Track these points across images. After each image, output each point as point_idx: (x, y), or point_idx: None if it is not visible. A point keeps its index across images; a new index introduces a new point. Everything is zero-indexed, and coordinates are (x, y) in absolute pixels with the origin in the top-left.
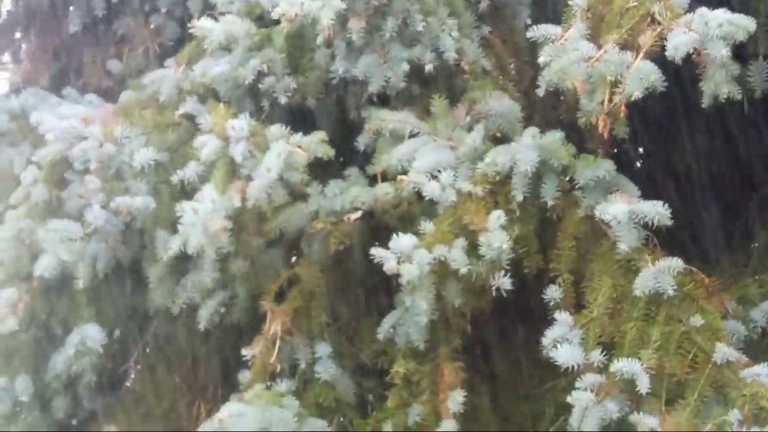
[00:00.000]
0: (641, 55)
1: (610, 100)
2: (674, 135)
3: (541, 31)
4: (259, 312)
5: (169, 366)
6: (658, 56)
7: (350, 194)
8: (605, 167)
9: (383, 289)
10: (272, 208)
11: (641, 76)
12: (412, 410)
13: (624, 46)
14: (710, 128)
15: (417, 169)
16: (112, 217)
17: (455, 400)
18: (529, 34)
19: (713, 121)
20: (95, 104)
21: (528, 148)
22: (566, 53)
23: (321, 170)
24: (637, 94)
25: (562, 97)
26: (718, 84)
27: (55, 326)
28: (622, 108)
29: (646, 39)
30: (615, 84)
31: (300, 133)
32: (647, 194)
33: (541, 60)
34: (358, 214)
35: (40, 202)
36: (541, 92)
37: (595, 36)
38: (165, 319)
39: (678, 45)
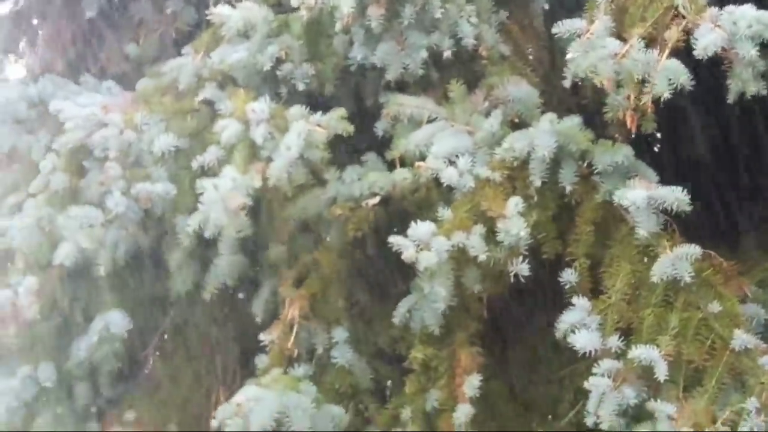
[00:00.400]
0: (667, 52)
1: (638, 97)
2: (692, 118)
3: (566, 26)
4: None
5: (188, 352)
6: (682, 49)
7: (368, 180)
8: (623, 152)
9: (401, 275)
10: (293, 188)
11: (670, 76)
12: (430, 396)
13: (649, 40)
14: (729, 111)
15: (435, 155)
16: (133, 204)
17: (471, 384)
18: (554, 30)
19: (732, 105)
20: (113, 91)
21: (546, 134)
22: (594, 49)
23: (339, 155)
24: (666, 95)
25: (579, 83)
26: (746, 81)
27: (76, 314)
28: (650, 105)
29: (672, 34)
30: (642, 82)
31: (319, 113)
32: (665, 179)
33: (569, 56)
34: (376, 199)
35: (60, 189)
36: (567, 83)
37: (619, 29)
38: (184, 305)
39: (707, 45)
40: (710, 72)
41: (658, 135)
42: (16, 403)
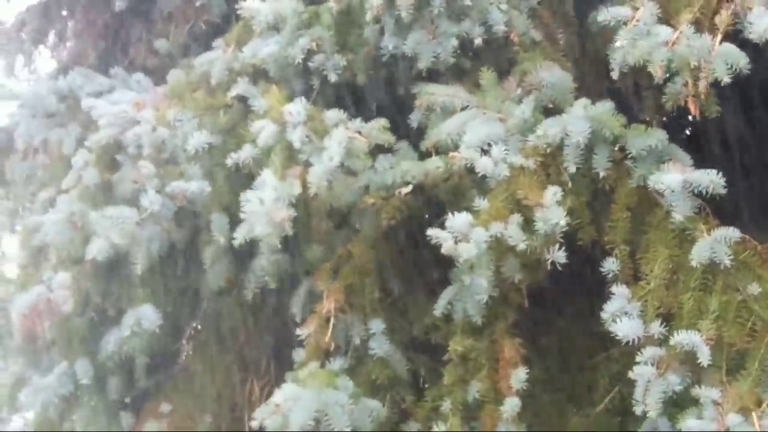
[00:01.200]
0: (719, 36)
1: (695, 84)
2: (726, 101)
3: (611, 14)
4: None
5: (221, 344)
6: (730, 33)
7: (400, 169)
8: (657, 136)
9: (435, 264)
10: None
11: (727, 60)
12: (471, 387)
13: (698, 26)
14: (763, 92)
15: (467, 143)
16: (168, 202)
17: (518, 377)
18: (600, 17)
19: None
20: (143, 83)
21: (579, 119)
22: (644, 37)
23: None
24: (727, 80)
25: (625, 70)
26: None
27: (109, 308)
28: (707, 90)
29: (723, 19)
30: (699, 68)
31: (359, 119)
32: (699, 162)
33: (617, 44)
34: (409, 188)
35: (92, 185)
36: (615, 75)
37: (665, 15)
38: (218, 299)
39: (765, 30)
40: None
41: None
42: (53, 398)
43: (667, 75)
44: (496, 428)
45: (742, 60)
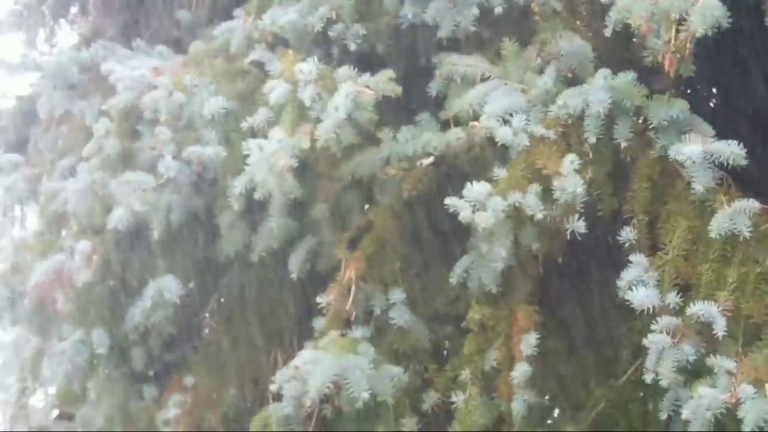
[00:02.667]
0: None
1: (676, 39)
2: (747, 72)
3: None
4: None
5: (244, 315)
6: None
7: (422, 139)
8: (679, 107)
9: (455, 234)
10: (341, 149)
11: (705, 13)
12: (489, 355)
13: None
14: None
15: (489, 114)
16: (185, 167)
17: (528, 342)
18: None
19: None
20: (165, 55)
21: (600, 90)
22: None
23: (393, 115)
24: (702, 31)
25: (634, 39)
26: None
27: (130, 278)
28: (688, 46)
29: None
30: (680, 22)
31: (368, 74)
32: (721, 133)
33: (606, 0)
34: (430, 159)
35: (113, 154)
36: (608, 32)
37: None
38: (239, 269)
39: None
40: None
41: (714, 90)
42: (70, 367)
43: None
44: (512, 396)
45: (717, 11)
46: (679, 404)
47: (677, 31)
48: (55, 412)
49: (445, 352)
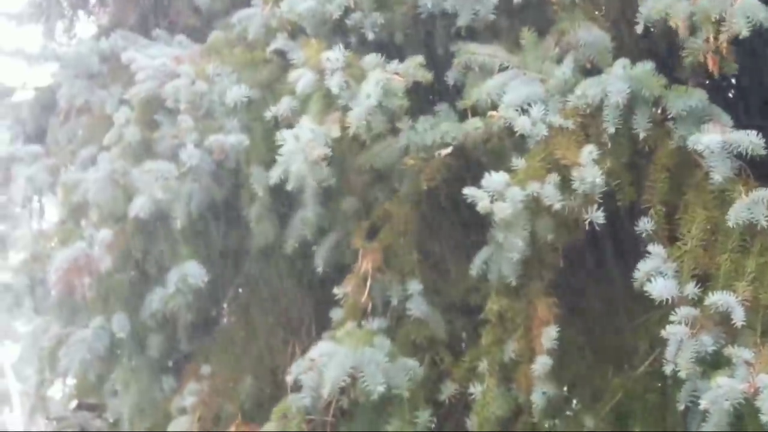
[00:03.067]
0: None
1: (716, 38)
2: (765, 61)
3: None
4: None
5: (262, 306)
6: None
7: (440, 129)
8: (697, 97)
9: (473, 226)
10: (371, 136)
11: (747, 14)
12: (507, 347)
13: None
14: None
15: (507, 104)
16: (206, 156)
17: (549, 335)
18: None
19: None
20: (184, 44)
21: (619, 80)
22: None
23: (411, 105)
24: (745, 33)
25: (652, 28)
26: None
27: (150, 266)
28: (726, 46)
29: None
30: (720, 22)
31: (396, 61)
32: (740, 123)
33: None
34: (449, 149)
35: (133, 142)
36: (640, 29)
37: None
38: (258, 259)
39: None
40: None
41: (733, 81)
42: (90, 356)
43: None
44: (531, 388)
45: (762, 13)
46: (697, 395)
47: (718, 31)
48: (74, 403)
49: (462, 343)
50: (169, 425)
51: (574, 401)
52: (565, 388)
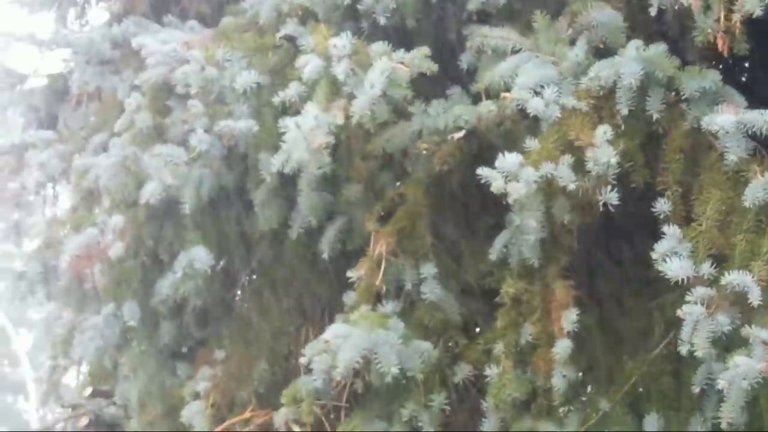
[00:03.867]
0: None
1: (727, 18)
2: None
3: None
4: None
5: (276, 290)
6: None
7: (453, 113)
8: (711, 78)
9: (487, 209)
10: (376, 125)
11: None
12: (524, 330)
13: None
14: None
15: (520, 86)
16: (216, 141)
17: (568, 319)
18: None
19: None
20: (196, 30)
21: (632, 61)
22: None
23: (424, 89)
24: (759, 12)
25: (665, 8)
26: None
27: (161, 252)
28: (739, 26)
29: None
30: (731, 1)
31: (402, 50)
32: (754, 105)
33: None
34: (462, 133)
35: (144, 128)
36: (653, 11)
37: None
38: (271, 244)
39: None
40: None
41: (746, 64)
42: (103, 342)
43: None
44: (550, 371)
45: None
46: (713, 377)
47: (730, 11)
48: (88, 390)
49: (476, 327)
50: (182, 410)
51: (589, 385)
52: (581, 372)
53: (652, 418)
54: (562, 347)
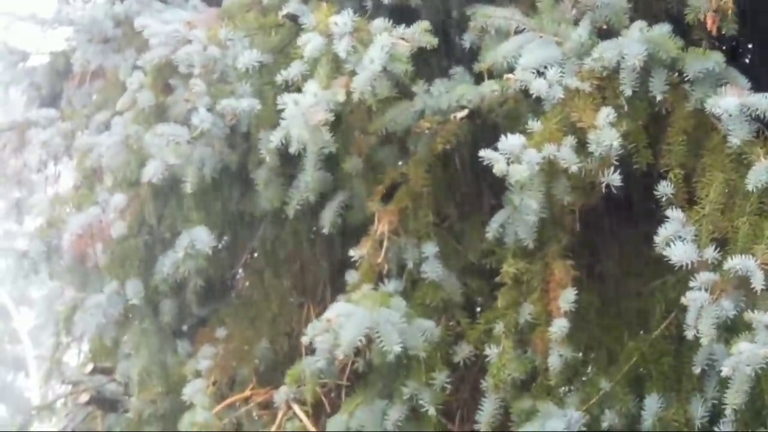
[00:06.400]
0: None
1: None
2: None
3: None
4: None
5: (277, 269)
6: None
7: (456, 93)
8: (714, 59)
9: (489, 188)
10: (377, 101)
11: None
12: (523, 309)
13: None
14: None
15: (523, 66)
16: (218, 120)
17: (566, 298)
18: None
19: None
20: (199, 9)
21: (636, 42)
22: None
23: (427, 69)
24: None
25: None
26: None
27: (164, 231)
28: (731, 5)
29: None
30: None
31: (403, 26)
32: (758, 86)
33: None
34: (464, 112)
35: (147, 107)
36: None
37: None
38: (273, 223)
39: None
40: None
41: (750, 46)
42: (105, 320)
43: None
44: (548, 351)
45: None
46: (714, 358)
47: None
48: (90, 367)
49: (477, 306)
50: (183, 388)
51: (590, 365)
52: (581, 351)
53: (653, 399)
54: (559, 326)
